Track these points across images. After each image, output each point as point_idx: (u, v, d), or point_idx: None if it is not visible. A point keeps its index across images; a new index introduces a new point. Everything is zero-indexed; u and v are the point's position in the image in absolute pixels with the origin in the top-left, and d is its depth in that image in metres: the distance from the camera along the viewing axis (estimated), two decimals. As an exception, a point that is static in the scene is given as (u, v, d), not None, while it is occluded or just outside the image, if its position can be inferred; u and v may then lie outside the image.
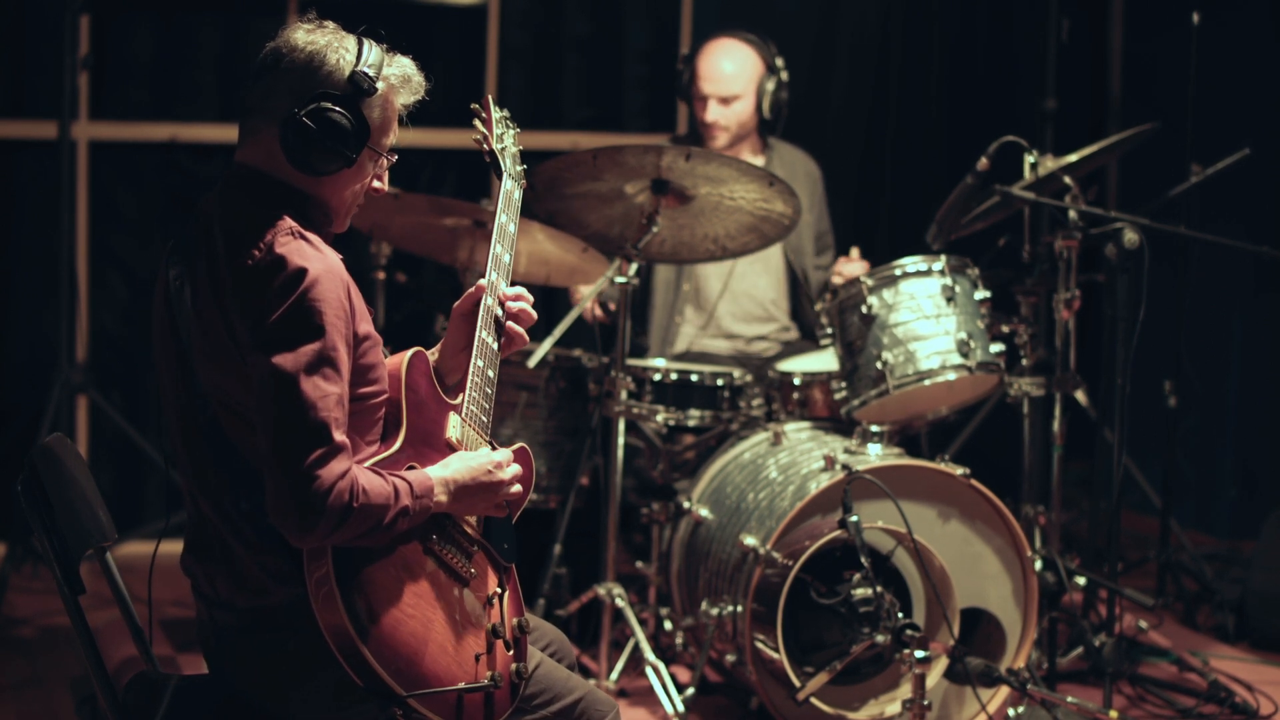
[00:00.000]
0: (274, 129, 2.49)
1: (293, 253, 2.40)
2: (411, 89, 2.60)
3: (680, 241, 4.33)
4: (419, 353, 2.61)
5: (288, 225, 2.44)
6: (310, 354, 2.35)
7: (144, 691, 2.59)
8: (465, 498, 2.52)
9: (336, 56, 2.50)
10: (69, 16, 5.04)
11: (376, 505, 2.36)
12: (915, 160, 6.32)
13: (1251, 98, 5.90)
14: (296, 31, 2.54)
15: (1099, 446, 4.55)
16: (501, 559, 2.63)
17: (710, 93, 4.80)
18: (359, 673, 2.35)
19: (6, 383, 5.48)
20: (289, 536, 2.35)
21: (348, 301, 2.43)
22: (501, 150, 2.95)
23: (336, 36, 2.53)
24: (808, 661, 3.75)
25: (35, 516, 2.52)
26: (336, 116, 2.47)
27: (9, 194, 5.45)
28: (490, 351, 2.68)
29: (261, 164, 2.52)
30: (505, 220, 2.82)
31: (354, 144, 2.50)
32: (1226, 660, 4.50)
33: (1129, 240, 4.03)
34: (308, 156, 2.48)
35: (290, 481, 2.31)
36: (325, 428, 2.33)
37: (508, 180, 2.91)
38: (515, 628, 2.60)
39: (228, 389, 2.43)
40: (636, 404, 4.21)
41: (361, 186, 2.59)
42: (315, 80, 2.49)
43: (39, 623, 4.70)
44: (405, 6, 5.40)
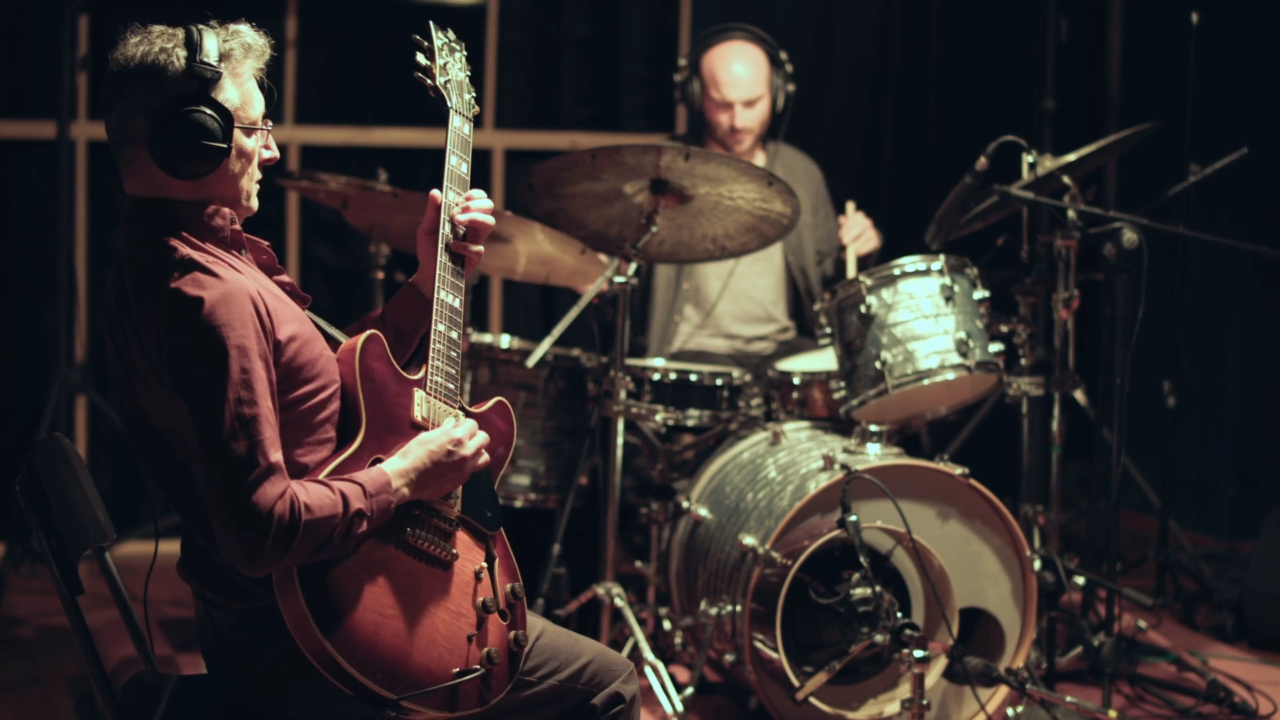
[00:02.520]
0: (143, 152, 2.44)
1: (186, 285, 2.35)
2: (256, 53, 2.55)
3: (679, 241, 4.33)
4: (371, 336, 2.53)
5: (180, 255, 2.39)
6: (222, 382, 2.31)
7: (142, 691, 2.59)
8: (430, 482, 2.48)
9: (168, 57, 2.43)
10: (68, 16, 5.04)
11: (323, 518, 2.32)
12: (914, 160, 6.32)
13: (1250, 97, 5.90)
14: (126, 46, 2.46)
15: (1098, 446, 4.55)
16: (485, 528, 2.58)
17: (735, 98, 4.79)
18: (346, 685, 2.34)
19: (5, 382, 5.48)
20: (241, 569, 2.32)
21: (257, 314, 2.38)
22: (445, 83, 2.77)
23: (164, 37, 2.46)
24: (807, 661, 3.75)
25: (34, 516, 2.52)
26: (194, 116, 2.42)
27: (8, 194, 5.45)
28: (451, 311, 2.61)
29: (147, 191, 2.47)
30: (456, 161, 2.71)
31: (221, 135, 2.45)
32: (1225, 660, 4.50)
33: (1128, 240, 4.03)
34: (182, 164, 2.43)
35: (229, 514, 2.29)
36: (253, 451, 2.30)
37: (454, 116, 2.74)
38: (509, 594, 2.56)
39: (169, 419, 2.41)
40: (635, 404, 4.21)
41: (249, 163, 2.54)
42: (158, 88, 2.43)
43: (37, 623, 4.70)
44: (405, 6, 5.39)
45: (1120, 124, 6.21)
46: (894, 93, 6.32)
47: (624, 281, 4.07)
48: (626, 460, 4.46)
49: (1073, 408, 4.69)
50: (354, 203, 4.39)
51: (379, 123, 5.71)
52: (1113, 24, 6.59)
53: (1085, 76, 6.58)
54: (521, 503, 4.41)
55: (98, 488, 2.76)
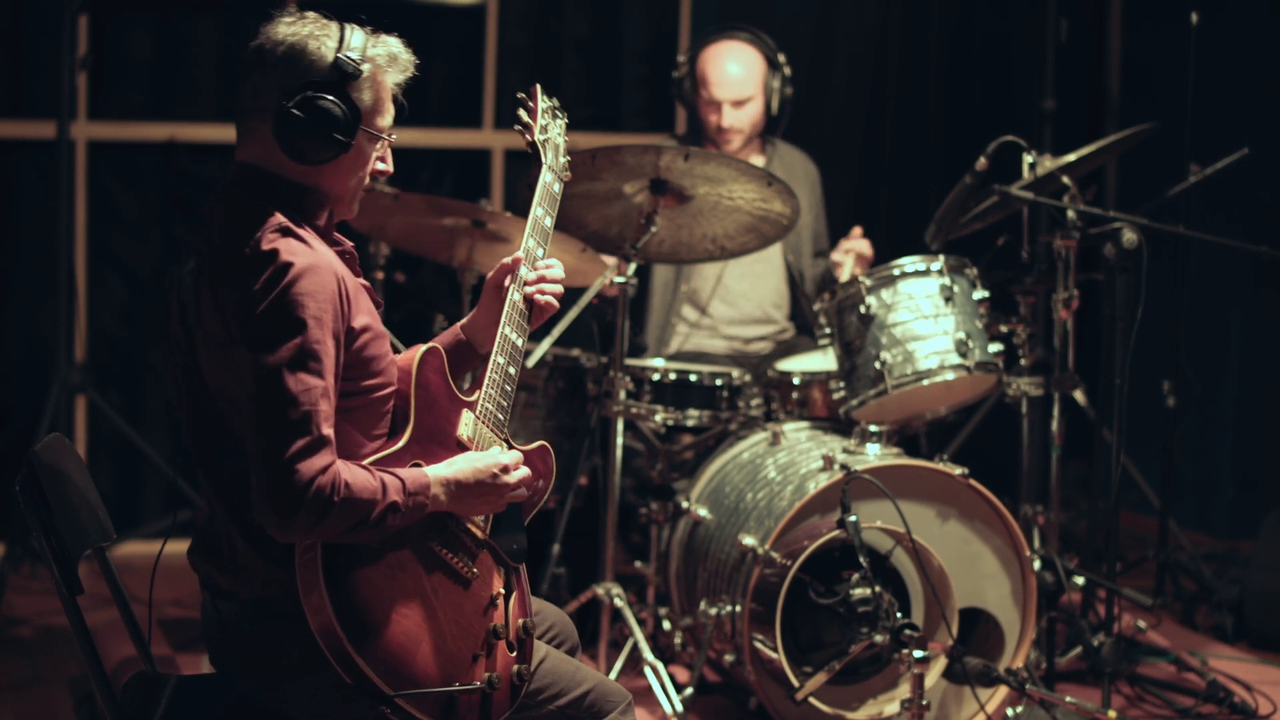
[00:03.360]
0: (267, 124, 2.50)
1: (280, 248, 2.41)
2: (400, 67, 2.60)
3: (679, 241, 4.33)
4: (433, 349, 2.60)
5: (277, 221, 2.45)
6: (293, 348, 2.36)
7: (142, 691, 2.59)
8: (467, 498, 2.51)
9: (318, 44, 2.50)
10: (67, 16, 5.04)
11: (361, 500, 2.35)
12: (913, 160, 6.32)
13: (1250, 97, 5.90)
14: (278, 26, 2.54)
15: (1097, 446, 4.55)
16: (510, 560, 2.62)
17: (723, 98, 4.79)
18: (347, 671, 2.35)
19: (5, 383, 5.48)
20: (270, 530, 2.35)
21: (338, 295, 2.43)
22: (544, 141, 2.91)
23: (317, 25, 2.53)
24: (806, 661, 3.75)
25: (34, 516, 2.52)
26: (325, 103, 2.48)
27: (7, 194, 5.45)
28: (512, 347, 2.67)
29: (260, 161, 2.53)
30: (541, 214, 2.81)
31: (346, 129, 2.50)
32: (1225, 660, 4.51)
33: (1128, 240, 4.03)
34: (302, 147, 2.49)
35: (271, 474, 2.32)
36: (306, 420, 2.34)
37: (547, 172, 2.87)
38: (520, 629, 2.58)
39: (229, 383, 2.44)
40: (635, 404, 4.21)
41: (364, 170, 2.60)
42: (300, 71, 2.49)
43: (38, 623, 4.70)
44: (405, 6, 5.39)
45: (1120, 124, 6.21)
46: (894, 93, 6.32)
47: (624, 281, 4.07)
48: (626, 460, 4.46)
49: (1072, 408, 4.69)
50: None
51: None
52: (1113, 24, 6.59)
53: (1085, 76, 6.58)
54: (521, 503, 4.41)
55: (98, 488, 2.76)
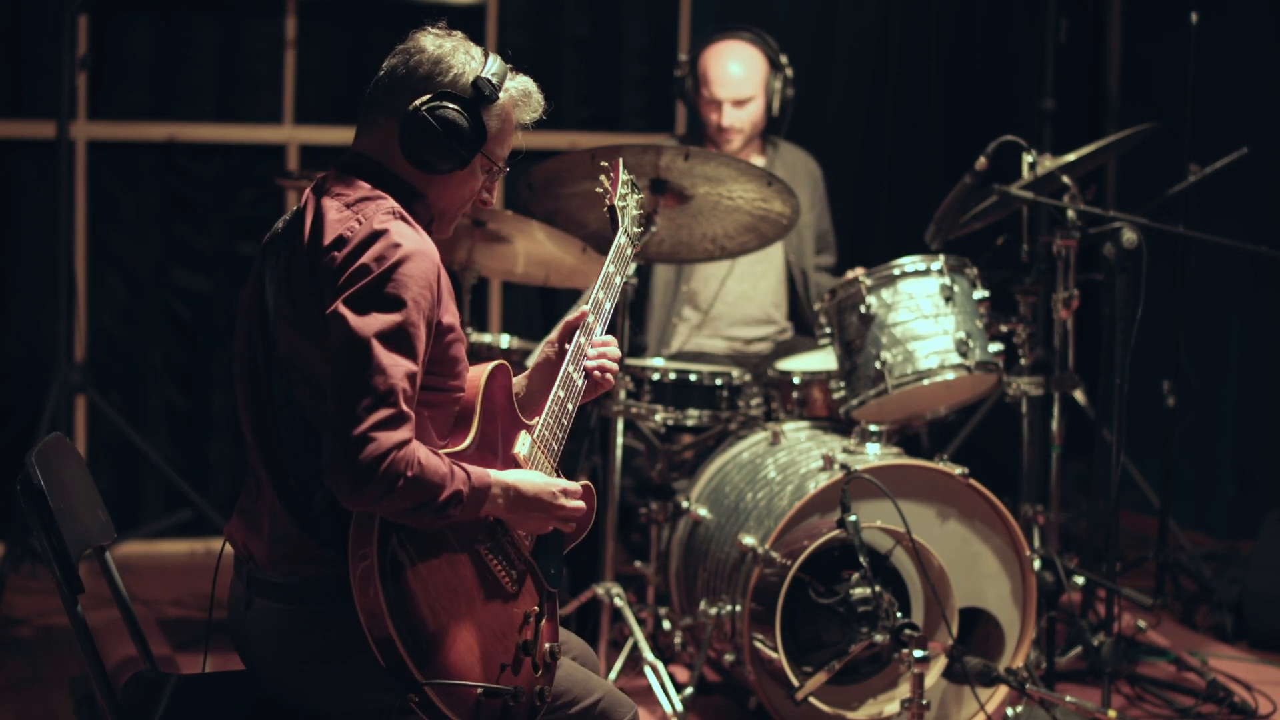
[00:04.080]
0: (394, 123, 2.55)
1: (392, 229, 2.44)
2: (531, 106, 2.66)
3: (679, 241, 4.33)
4: (502, 365, 2.63)
5: (390, 204, 2.49)
6: (390, 323, 2.38)
7: (142, 691, 2.59)
8: (521, 509, 2.53)
9: (463, 62, 2.57)
10: (67, 16, 5.04)
11: (431, 482, 2.37)
12: (913, 160, 6.32)
13: (1250, 97, 5.91)
14: (425, 36, 2.61)
15: (1097, 446, 4.55)
16: (547, 583, 2.64)
17: (724, 97, 4.79)
18: (383, 652, 2.36)
19: (5, 383, 5.48)
20: (339, 495, 2.36)
21: (437, 287, 2.46)
22: (622, 208, 3.03)
23: (464, 44, 2.61)
24: (806, 661, 3.75)
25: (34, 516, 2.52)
26: (456, 116, 2.53)
27: (7, 194, 5.45)
28: (573, 385, 2.72)
29: (377, 154, 2.58)
30: (613, 271, 2.89)
31: (469, 146, 2.55)
32: (1225, 660, 4.51)
33: (1127, 240, 4.03)
34: (424, 152, 2.54)
35: (349, 440, 2.33)
36: (392, 394, 2.36)
37: (621, 235, 2.98)
38: (547, 652, 2.59)
39: (306, 356, 2.46)
40: (635, 404, 4.21)
41: (471, 193, 2.64)
42: (440, 80, 2.55)
43: (38, 622, 4.70)
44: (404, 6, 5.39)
45: (1120, 124, 6.21)
46: (894, 93, 6.32)
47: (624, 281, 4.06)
48: (626, 460, 4.46)
49: (1072, 407, 4.69)
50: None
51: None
52: (1112, 24, 6.59)
53: (1085, 76, 6.58)
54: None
55: (98, 488, 2.76)
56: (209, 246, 5.63)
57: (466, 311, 4.42)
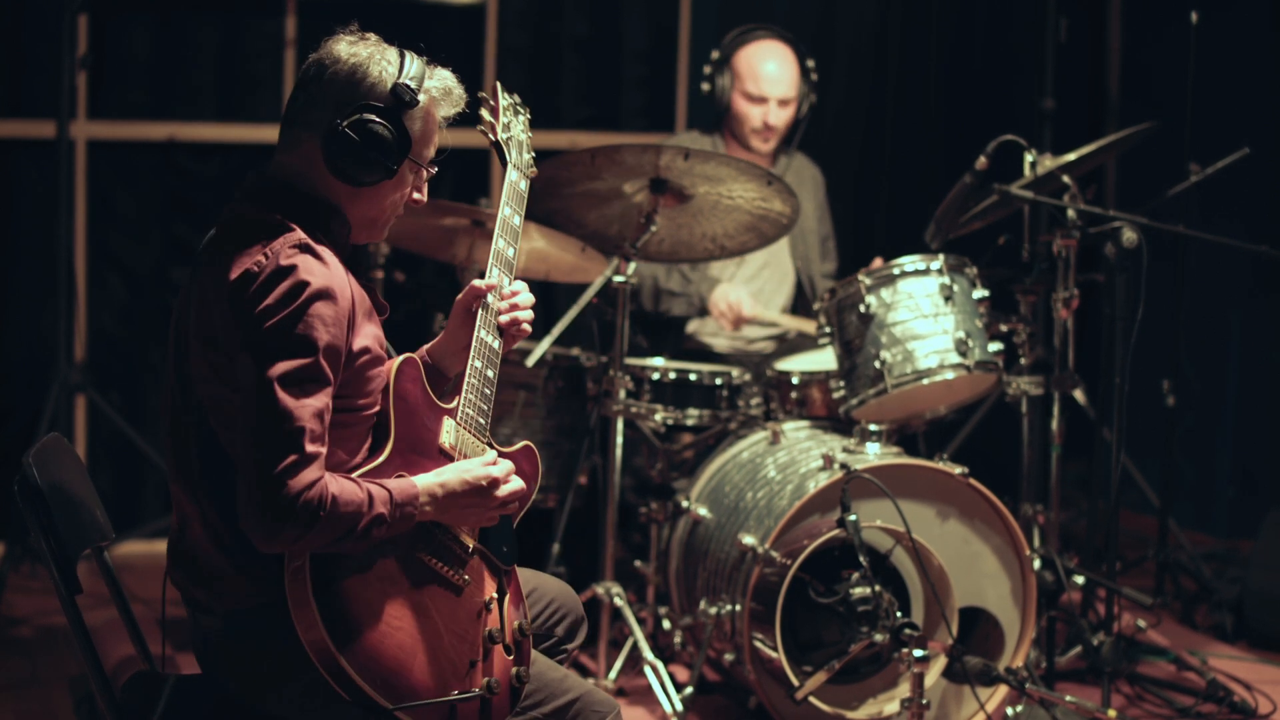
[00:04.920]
0: (315, 139, 2.52)
1: (299, 265, 2.40)
2: (452, 101, 2.63)
3: (679, 241, 4.33)
4: (409, 359, 2.58)
5: (297, 237, 2.44)
6: (296, 366, 2.36)
7: (141, 691, 2.59)
8: (455, 508, 2.50)
9: (379, 69, 2.53)
10: (67, 16, 5.04)
11: (346, 514, 2.35)
12: (913, 159, 6.32)
13: (1250, 97, 5.90)
14: (339, 43, 2.57)
15: (1097, 445, 4.55)
16: (500, 562, 2.61)
17: (772, 94, 4.80)
18: (342, 686, 2.35)
19: (5, 382, 5.48)
20: (255, 540, 2.34)
21: (348, 316, 2.43)
22: (507, 140, 2.89)
23: (379, 49, 2.56)
24: (806, 660, 3.75)
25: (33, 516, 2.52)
26: (378, 128, 2.50)
27: (7, 193, 5.45)
28: (489, 350, 2.66)
29: (296, 173, 2.54)
30: (509, 213, 2.79)
31: (395, 156, 2.52)
32: (1225, 659, 4.51)
33: (1127, 239, 4.03)
34: (349, 167, 2.51)
35: (260, 486, 2.32)
36: (300, 435, 2.33)
37: (512, 170, 2.86)
38: (516, 631, 2.57)
39: (220, 391, 2.43)
40: (635, 403, 4.21)
41: (401, 197, 2.61)
42: (358, 92, 2.52)
43: (37, 622, 4.70)
44: (404, 6, 5.39)
45: (1120, 124, 6.21)
46: (894, 92, 6.32)
47: (624, 281, 4.07)
48: (626, 460, 4.46)
49: (1072, 407, 4.68)
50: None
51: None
52: (1112, 24, 6.59)
53: (1085, 76, 6.58)
54: (521, 502, 4.41)
55: (97, 488, 2.76)
56: (209, 246, 5.63)
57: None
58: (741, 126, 4.85)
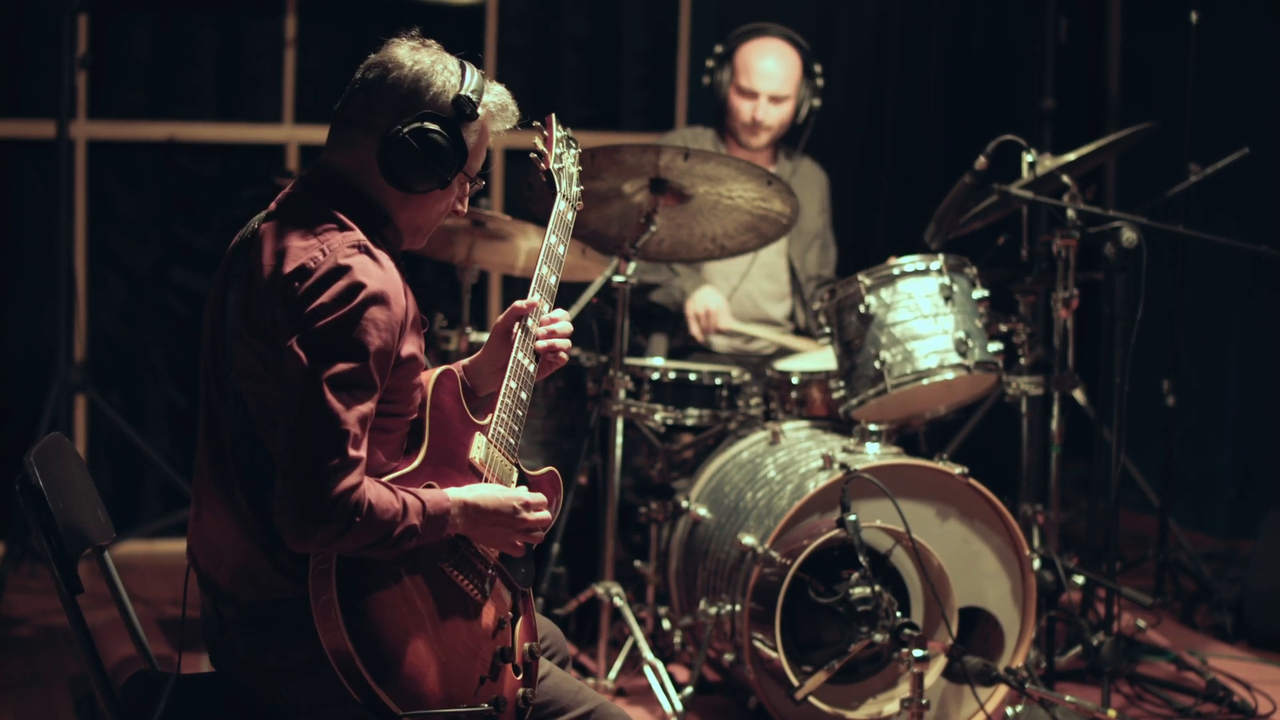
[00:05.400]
0: (372, 142, 2.51)
1: (357, 266, 2.39)
2: (506, 118, 2.63)
3: (679, 241, 4.33)
4: (448, 371, 2.59)
5: (355, 237, 2.44)
6: (347, 370, 2.35)
7: (142, 691, 2.59)
8: (483, 526, 2.51)
9: (443, 79, 2.53)
10: (67, 16, 5.04)
11: (381, 521, 2.35)
12: (913, 159, 6.32)
13: (1250, 97, 5.91)
14: (400, 48, 2.57)
15: (1097, 445, 4.55)
16: (518, 584, 2.62)
17: (763, 90, 4.79)
18: (356, 688, 2.35)
19: (5, 382, 5.48)
20: (287, 538, 2.35)
21: (399, 326, 2.43)
22: (559, 170, 2.92)
23: (440, 58, 2.57)
24: (806, 660, 3.75)
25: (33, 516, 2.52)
26: (439, 138, 2.50)
27: (7, 193, 5.45)
28: (525, 373, 2.66)
29: (349, 173, 2.54)
30: (554, 241, 2.79)
31: (451, 167, 2.53)
32: (1225, 659, 4.51)
33: (1127, 239, 4.03)
34: (405, 174, 2.50)
35: (298, 485, 2.32)
36: (344, 439, 2.33)
37: (561, 201, 2.87)
38: (526, 653, 2.58)
39: (260, 381, 2.43)
40: (635, 403, 4.21)
41: (446, 206, 2.61)
42: (420, 100, 2.52)
43: (37, 622, 4.70)
44: (404, 6, 5.39)
45: (1120, 123, 6.21)
46: (894, 92, 6.32)
47: (624, 281, 4.07)
48: (626, 460, 4.46)
49: (1072, 407, 4.69)
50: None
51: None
52: (1112, 23, 6.59)
53: (1085, 76, 6.58)
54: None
55: (98, 488, 2.76)
56: (209, 246, 5.63)
57: (466, 310, 4.42)
58: (733, 121, 4.85)
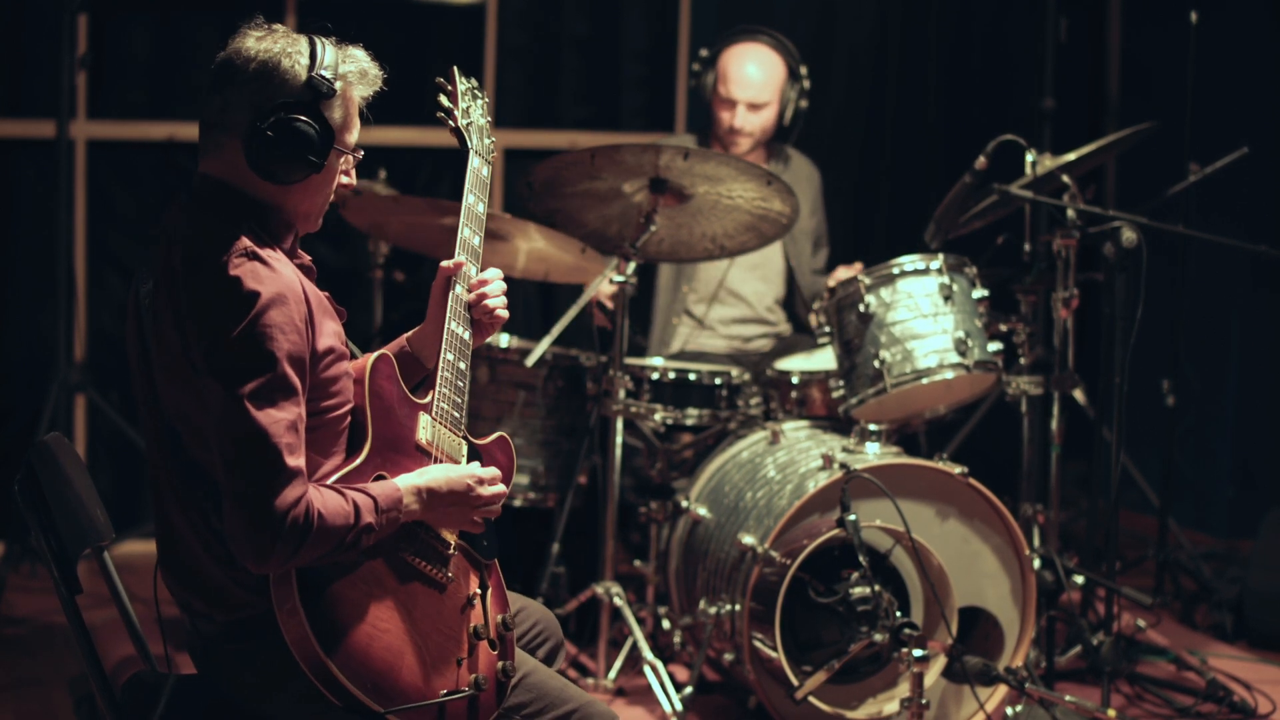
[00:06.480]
0: (236, 142, 2.45)
1: (246, 275, 2.35)
2: (369, 81, 2.57)
3: (678, 240, 4.33)
4: (382, 356, 2.55)
5: (243, 245, 2.39)
6: (261, 382, 2.32)
7: (141, 691, 2.59)
8: (439, 507, 2.49)
9: (291, 61, 2.46)
10: (67, 15, 5.03)
11: (335, 526, 2.33)
12: (913, 159, 6.32)
13: (1249, 96, 5.91)
14: (247, 39, 2.50)
15: (1097, 445, 4.55)
16: (481, 557, 2.60)
17: (740, 98, 4.77)
18: (333, 692, 2.34)
19: (4, 382, 5.48)
20: (246, 564, 2.33)
21: (304, 320, 2.39)
22: (467, 125, 2.84)
23: (288, 40, 2.50)
24: (806, 660, 3.75)
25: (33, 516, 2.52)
26: (299, 125, 2.44)
27: (7, 193, 5.45)
28: (460, 342, 2.63)
29: (225, 176, 2.48)
30: (473, 200, 2.75)
31: (320, 150, 2.46)
32: (1224, 659, 4.51)
33: (1127, 239, 4.03)
34: (274, 167, 2.45)
35: (245, 511, 2.29)
36: (278, 455, 2.30)
37: (474, 157, 2.80)
38: (499, 625, 2.57)
39: (186, 408, 2.40)
40: (634, 403, 4.21)
41: (330, 186, 2.55)
42: (272, 89, 2.45)
43: (37, 622, 4.70)
44: (404, 6, 5.39)
45: (1120, 123, 6.21)
46: (894, 92, 6.32)
47: (623, 280, 4.07)
48: (626, 459, 4.46)
49: (1072, 407, 4.68)
50: (353, 201, 4.39)
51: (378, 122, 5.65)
52: (1112, 23, 6.59)
53: (1085, 76, 6.58)
54: (521, 502, 4.41)
55: (97, 488, 2.76)
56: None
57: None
58: (716, 127, 4.85)
